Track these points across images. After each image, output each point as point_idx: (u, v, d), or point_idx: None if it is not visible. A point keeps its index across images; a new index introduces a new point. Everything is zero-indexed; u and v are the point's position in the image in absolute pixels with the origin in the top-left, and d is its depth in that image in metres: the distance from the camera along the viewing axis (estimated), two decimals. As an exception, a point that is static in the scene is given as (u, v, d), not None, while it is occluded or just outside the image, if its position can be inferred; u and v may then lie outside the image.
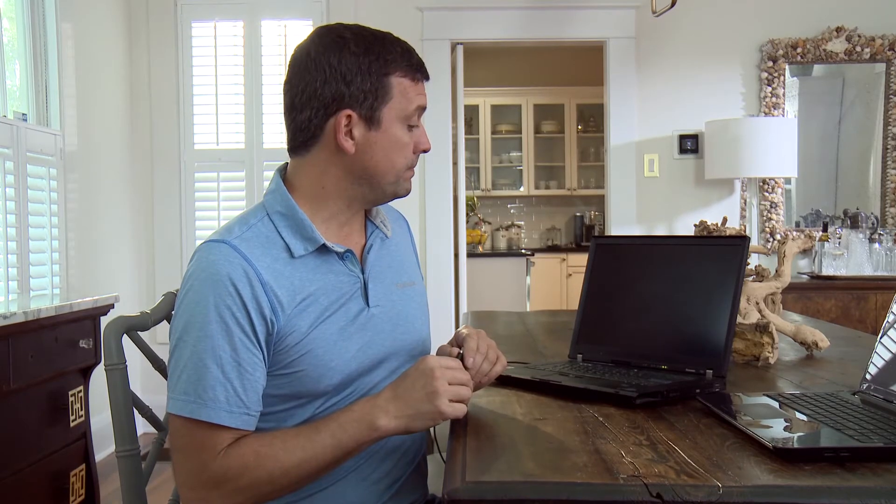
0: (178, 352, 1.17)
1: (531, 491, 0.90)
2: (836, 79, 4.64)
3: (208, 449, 1.14)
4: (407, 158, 1.29)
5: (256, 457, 1.13)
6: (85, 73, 3.83)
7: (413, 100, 1.27)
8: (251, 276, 1.17)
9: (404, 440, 1.32)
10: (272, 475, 1.13)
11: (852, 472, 0.92)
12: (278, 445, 1.14)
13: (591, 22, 4.50)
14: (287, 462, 1.13)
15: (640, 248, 1.67)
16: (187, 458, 1.15)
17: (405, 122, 1.27)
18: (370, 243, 1.35)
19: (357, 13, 4.37)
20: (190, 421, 1.14)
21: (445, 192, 4.48)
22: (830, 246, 4.25)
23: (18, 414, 2.33)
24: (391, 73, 1.25)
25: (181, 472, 1.16)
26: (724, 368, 1.37)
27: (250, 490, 1.14)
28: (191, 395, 1.14)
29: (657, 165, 4.50)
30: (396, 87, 1.25)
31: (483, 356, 1.25)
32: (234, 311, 1.16)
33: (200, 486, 1.14)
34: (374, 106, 1.25)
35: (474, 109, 7.43)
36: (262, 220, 1.26)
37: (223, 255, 1.18)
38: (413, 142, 1.29)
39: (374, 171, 1.27)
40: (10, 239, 3.15)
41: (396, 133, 1.27)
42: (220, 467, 1.13)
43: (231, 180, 4.48)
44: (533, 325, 2.35)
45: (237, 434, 1.16)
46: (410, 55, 1.27)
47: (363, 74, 1.24)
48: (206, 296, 1.16)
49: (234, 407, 1.15)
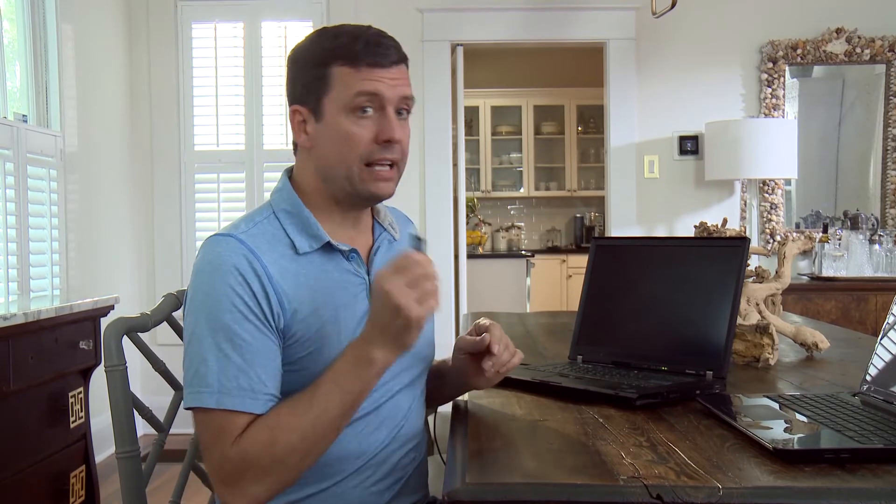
0: (194, 344, 1.16)
1: (531, 492, 0.90)
2: (836, 80, 4.64)
3: (226, 436, 1.12)
4: (359, 150, 1.22)
5: (270, 432, 1.12)
6: (85, 75, 3.83)
7: (352, 86, 1.20)
8: (257, 268, 1.17)
9: (408, 437, 1.32)
10: (291, 443, 1.11)
11: (852, 474, 0.92)
12: (285, 412, 1.13)
13: (591, 23, 4.50)
14: (301, 425, 1.11)
15: (640, 249, 1.67)
16: (212, 450, 1.14)
17: (350, 111, 1.21)
18: (377, 245, 1.34)
19: (357, 14, 4.37)
20: (212, 412, 1.13)
21: (445, 194, 4.48)
22: (830, 247, 4.25)
23: (18, 415, 2.33)
24: (330, 62, 1.22)
25: (210, 467, 1.15)
26: (724, 370, 1.37)
27: (278, 465, 1.11)
28: (214, 385, 1.13)
29: (657, 166, 4.50)
30: (335, 76, 1.21)
31: (505, 346, 1.26)
32: (247, 300, 1.15)
33: (229, 477, 1.13)
34: (318, 98, 1.23)
35: (474, 110, 7.43)
36: (269, 218, 1.26)
37: (229, 247, 1.18)
38: (370, 132, 1.22)
39: (326, 165, 1.25)
40: (11, 240, 3.15)
41: (341, 124, 1.22)
42: (240, 452, 1.11)
43: (231, 181, 4.48)
44: (533, 327, 2.35)
45: (251, 419, 1.14)
46: (354, 42, 1.21)
47: (306, 68, 1.25)
48: (216, 286, 1.16)
49: (259, 393, 1.14)
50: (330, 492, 1.24)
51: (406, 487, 1.33)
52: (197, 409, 1.15)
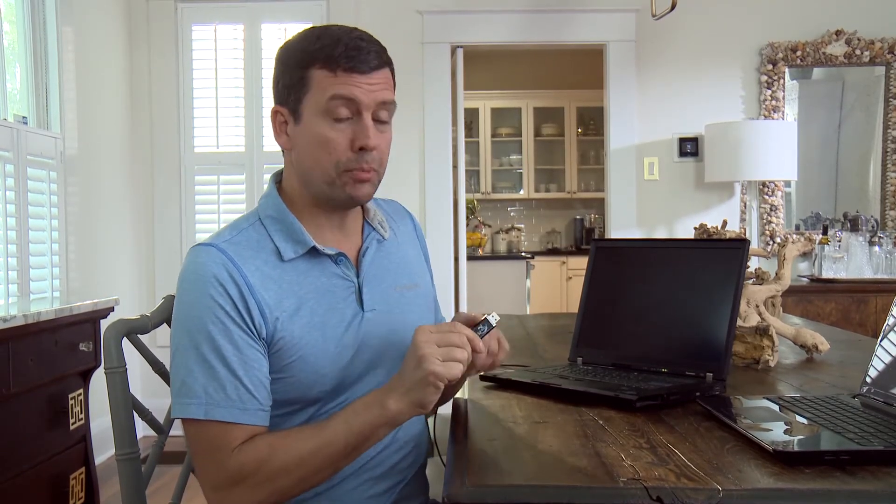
0: (179, 355, 1.17)
1: (531, 494, 0.90)
2: (836, 82, 4.64)
3: (223, 448, 1.13)
4: (335, 155, 1.21)
5: (271, 449, 1.12)
6: (85, 77, 3.83)
7: (328, 90, 1.19)
8: (237, 278, 1.17)
9: (405, 440, 1.32)
10: (287, 465, 1.12)
11: (852, 476, 0.92)
12: (293, 436, 1.14)
13: (590, 25, 4.50)
14: (301, 450, 1.12)
15: (640, 251, 1.67)
16: (205, 460, 1.15)
17: (326, 115, 1.20)
18: (366, 246, 1.32)
19: (357, 16, 4.37)
20: (203, 423, 1.14)
21: (445, 195, 4.48)
22: (830, 249, 4.25)
23: (18, 417, 2.33)
24: (309, 65, 1.21)
25: (202, 474, 1.16)
26: (724, 371, 1.37)
27: (269, 483, 1.12)
28: (202, 397, 1.14)
29: (657, 168, 4.51)
30: (314, 80, 1.20)
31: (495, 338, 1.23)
32: (228, 310, 1.16)
33: (221, 485, 1.14)
34: (298, 100, 1.23)
35: (474, 112, 7.43)
36: (254, 225, 1.26)
37: (210, 257, 1.18)
38: (346, 138, 1.21)
39: (303, 168, 1.25)
40: (11, 242, 3.15)
41: (317, 128, 1.21)
42: (237, 464, 1.12)
43: (231, 183, 4.48)
44: (533, 329, 2.35)
45: (252, 431, 1.15)
46: (334, 46, 1.20)
47: (288, 69, 1.24)
48: (198, 297, 1.16)
49: (247, 404, 1.15)
50: (327, 495, 1.24)
51: (405, 491, 1.33)
52: (187, 420, 1.15)
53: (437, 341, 1.08)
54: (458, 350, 1.08)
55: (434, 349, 1.07)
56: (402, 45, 4.42)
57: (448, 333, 1.09)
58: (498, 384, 1.45)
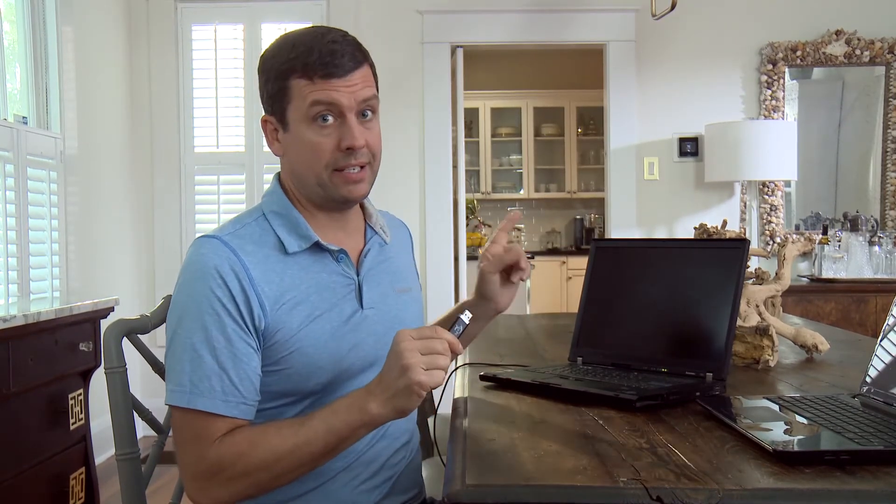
0: (173, 344, 1.19)
1: (531, 494, 0.90)
2: (836, 82, 4.64)
3: (205, 438, 1.15)
4: (324, 158, 1.24)
5: (250, 444, 1.14)
6: (85, 76, 3.83)
7: (308, 98, 1.22)
8: (238, 270, 1.19)
9: (396, 435, 1.32)
10: (266, 461, 1.13)
11: (852, 476, 0.92)
12: (272, 432, 1.15)
13: (590, 25, 4.50)
14: (280, 447, 1.13)
15: (640, 250, 1.67)
16: (186, 448, 1.17)
17: (311, 121, 1.23)
18: (368, 247, 1.35)
19: (357, 17, 4.37)
20: (187, 411, 1.15)
21: (445, 195, 4.48)
22: (830, 249, 4.25)
23: (18, 417, 2.33)
24: (288, 76, 1.24)
25: (182, 462, 1.17)
26: (724, 371, 1.37)
27: (246, 478, 1.13)
28: (186, 386, 1.15)
29: (657, 168, 4.51)
30: (294, 89, 1.23)
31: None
32: (225, 303, 1.17)
33: (199, 475, 1.15)
34: (283, 109, 1.26)
35: (474, 112, 7.43)
36: (258, 220, 1.28)
37: (212, 249, 1.20)
38: (333, 140, 1.23)
39: (296, 172, 1.28)
40: (11, 242, 3.15)
41: (303, 134, 1.24)
42: (216, 455, 1.14)
43: (231, 183, 4.48)
44: (533, 328, 2.35)
45: (233, 423, 1.16)
46: (309, 54, 1.22)
47: (269, 80, 1.27)
48: (197, 288, 1.18)
49: (229, 396, 1.16)
50: (318, 491, 1.25)
51: (397, 486, 1.34)
52: (174, 407, 1.17)
53: (420, 349, 1.08)
54: (440, 357, 1.09)
55: (418, 357, 1.07)
56: (402, 44, 4.42)
57: (430, 340, 1.09)
58: (498, 384, 1.45)
